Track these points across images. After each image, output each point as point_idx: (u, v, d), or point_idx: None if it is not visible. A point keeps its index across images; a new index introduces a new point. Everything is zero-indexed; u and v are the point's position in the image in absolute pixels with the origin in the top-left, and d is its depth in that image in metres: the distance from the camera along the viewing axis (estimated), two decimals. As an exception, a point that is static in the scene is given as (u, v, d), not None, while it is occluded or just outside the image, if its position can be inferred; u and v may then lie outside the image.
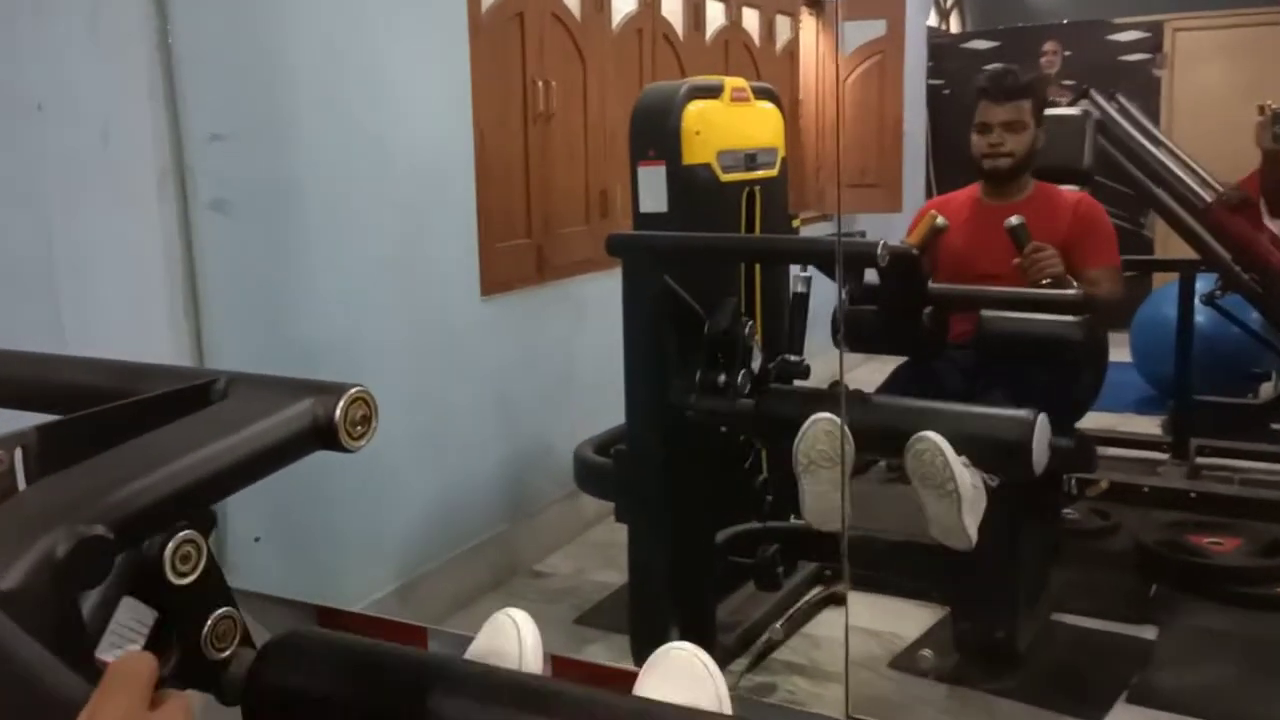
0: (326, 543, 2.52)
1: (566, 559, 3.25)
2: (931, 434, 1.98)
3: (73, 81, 1.94)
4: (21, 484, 0.74)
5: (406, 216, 2.74)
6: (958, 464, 1.97)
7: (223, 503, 2.36)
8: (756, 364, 2.23)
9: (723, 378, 2.19)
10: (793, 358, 2.31)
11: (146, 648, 0.73)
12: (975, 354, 2.55)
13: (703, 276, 2.61)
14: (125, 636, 0.73)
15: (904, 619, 2.65)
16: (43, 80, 1.89)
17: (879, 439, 2.16)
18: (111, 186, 2.02)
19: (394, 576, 2.71)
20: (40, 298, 1.89)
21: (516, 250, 3.23)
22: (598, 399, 2.73)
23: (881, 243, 2.18)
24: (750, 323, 2.28)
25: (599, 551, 3.21)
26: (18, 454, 0.74)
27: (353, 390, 0.83)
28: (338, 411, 0.82)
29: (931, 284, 2.45)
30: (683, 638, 2.36)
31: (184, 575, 0.73)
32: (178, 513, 0.73)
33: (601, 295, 2.64)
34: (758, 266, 2.83)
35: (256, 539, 2.18)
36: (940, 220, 2.51)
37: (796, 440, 2.06)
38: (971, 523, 1.99)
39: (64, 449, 0.75)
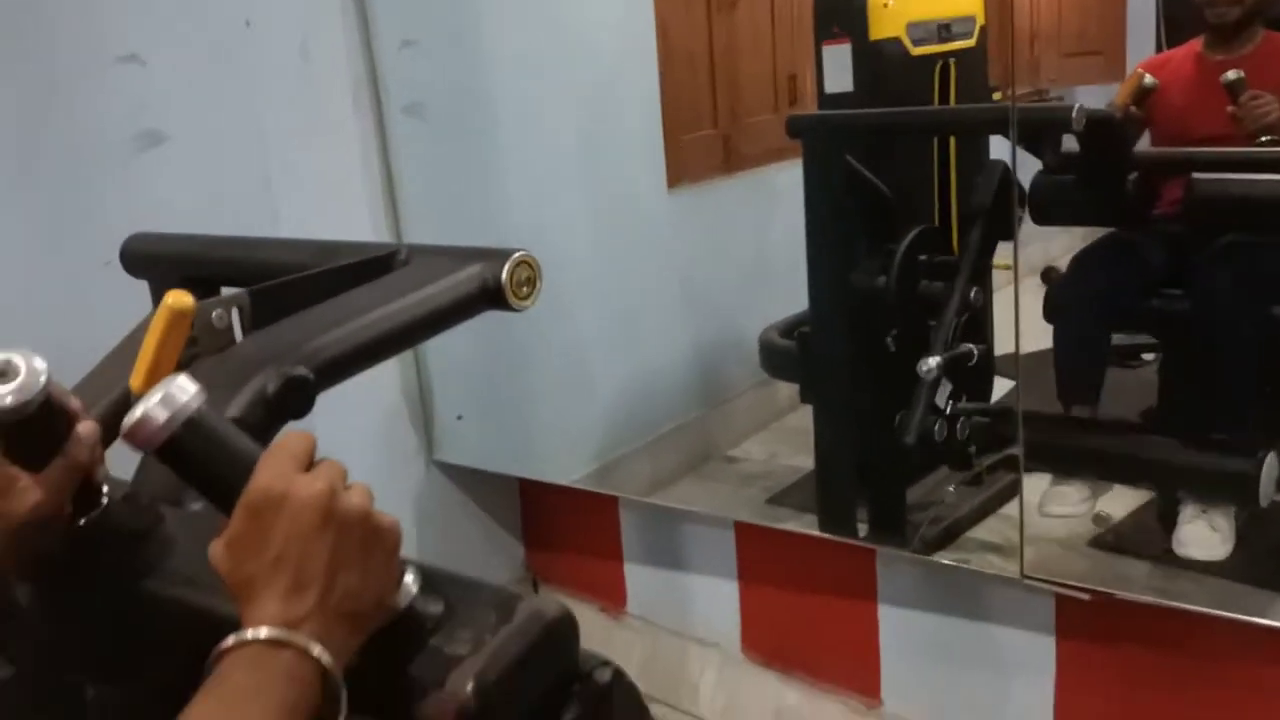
0: (526, 425, 2.65)
1: (759, 445, 3.29)
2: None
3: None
4: (239, 336, 0.87)
5: (591, 111, 2.77)
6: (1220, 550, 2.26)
7: (426, 382, 2.50)
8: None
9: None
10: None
11: None
12: (1185, 224, 2.40)
13: (891, 155, 2.55)
14: None
15: (1110, 499, 2.58)
16: (246, -2, 2.03)
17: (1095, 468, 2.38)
18: (313, 97, 2.15)
19: (591, 459, 2.81)
20: (262, 208, 2.05)
21: (703, 141, 3.22)
22: (789, 289, 2.73)
23: (1077, 105, 2.09)
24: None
25: (793, 437, 3.23)
26: (234, 312, 0.87)
27: (517, 254, 0.92)
28: (504, 274, 0.92)
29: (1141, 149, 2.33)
30: (870, 517, 2.40)
31: None
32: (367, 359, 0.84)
33: (792, 185, 2.61)
34: (952, 143, 2.73)
35: (459, 417, 2.31)
36: (1148, 79, 2.36)
37: None
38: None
39: (272, 308, 0.88)
